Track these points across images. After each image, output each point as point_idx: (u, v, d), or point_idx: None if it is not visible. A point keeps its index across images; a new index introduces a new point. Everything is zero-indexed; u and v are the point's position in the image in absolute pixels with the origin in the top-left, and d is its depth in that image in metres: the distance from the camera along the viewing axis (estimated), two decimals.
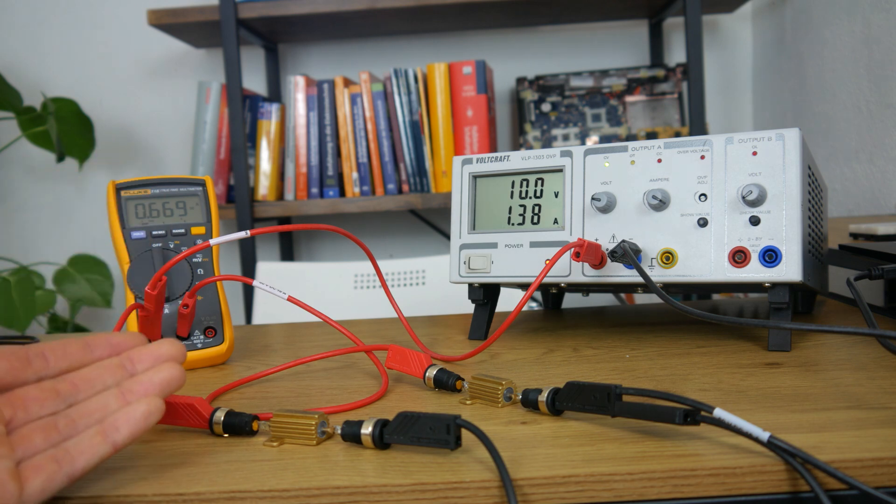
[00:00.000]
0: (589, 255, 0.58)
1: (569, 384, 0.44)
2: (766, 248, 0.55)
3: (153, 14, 1.68)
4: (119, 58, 2.03)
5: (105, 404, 0.39)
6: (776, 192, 0.55)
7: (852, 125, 1.48)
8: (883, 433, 0.38)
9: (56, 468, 0.36)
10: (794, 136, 0.55)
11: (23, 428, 0.37)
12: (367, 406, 0.50)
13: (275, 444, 0.43)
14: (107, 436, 0.38)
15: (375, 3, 1.64)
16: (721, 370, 0.53)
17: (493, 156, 0.66)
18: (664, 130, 1.82)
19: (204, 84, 1.80)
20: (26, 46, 2.03)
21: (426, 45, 2.00)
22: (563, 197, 0.63)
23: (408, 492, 0.36)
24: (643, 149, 0.60)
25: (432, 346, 0.66)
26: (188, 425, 0.46)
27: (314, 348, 0.69)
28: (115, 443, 0.38)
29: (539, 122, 1.85)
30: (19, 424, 0.37)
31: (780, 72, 1.81)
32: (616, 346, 0.62)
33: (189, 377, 0.61)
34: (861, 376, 0.49)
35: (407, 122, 1.75)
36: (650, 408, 0.40)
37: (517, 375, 0.55)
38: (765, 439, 0.36)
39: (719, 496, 0.36)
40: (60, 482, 0.36)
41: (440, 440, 0.39)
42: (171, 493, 0.37)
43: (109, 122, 2.03)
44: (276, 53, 1.98)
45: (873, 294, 0.68)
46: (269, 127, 1.80)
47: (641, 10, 1.84)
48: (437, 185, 1.74)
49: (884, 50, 1.35)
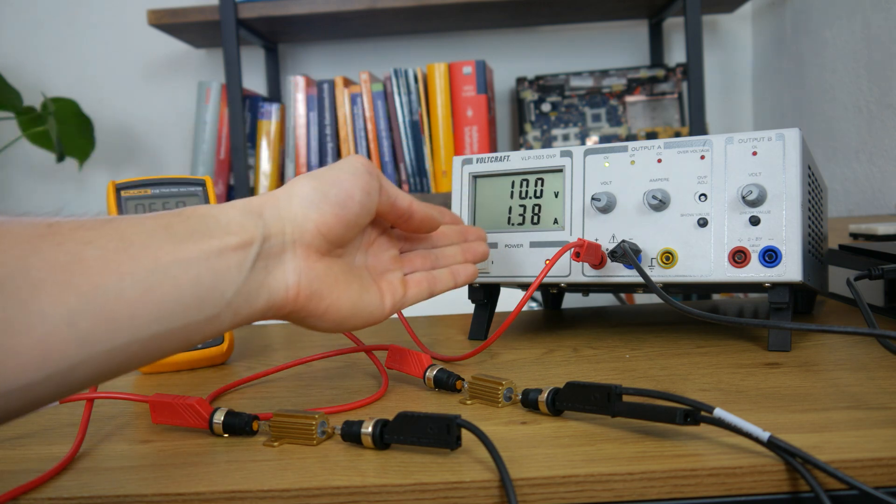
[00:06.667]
0: (589, 255, 0.58)
1: (569, 384, 0.44)
2: (766, 249, 0.55)
3: (153, 14, 1.68)
4: (119, 58, 2.03)
5: (454, 255, 0.56)
6: (776, 192, 0.55)
7: (852, 125, 1.48)
8: (883, 433, 0.38)
9: (426, 286, 0.53)
10: (794, 136, 0.55)
11: (409, 253, 0.54)
12: (367, 406, 0.50)
13: (275, 444, 0.43)
14: (454, 276, 0.55)
15: (375, 3, 1.64)
16: (721, 370, 0.53)
17: (493, 156, 0.66)
18: (664, 130, 1.82)
19: (204, 84, 1.80)
20: (26, 46, 2.03)
21: (426, 45, 2.00)
22: (563, 197, 0.63)
23: (408, 492, 0.36)
24: (643, 149, 0.60)
25: (432, 346, 0.66)
26: (188, 425, 0.46)
27: (314, 348, 0.69)
28: (457, 283, 0.55)
29: (539, 122, 1.85)
30: (406, 250, 0.54)
31: (780, 72, 1.81)
32: (616, 346, 0.62)
33: (189, 377, 0.61)
34: (861, 376, 0.49)
35: (407, 122, 1.75)
36: (650, 408, 0.40)
37: (517, 375, 0.55)
38: (765, 439, 0.36)
39: (719, 496, 0.36)
40: (425, 296, 0.53)
41: (440, 440, 0.39)
42: (171, 493, 0.37)
43: (109, 122, 2.03)
44: (276, 53, 1.98)
45: (873, 294, 0.68)
46: (269, 127, 1.80)
47: (641, 10, 1.84)
48: (437, 185, 1.74)
49: (884, 50, 1.35)
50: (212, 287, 0.38)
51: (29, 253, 0.32)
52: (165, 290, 0.36)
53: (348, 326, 0.48)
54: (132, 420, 0.50)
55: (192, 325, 0.38)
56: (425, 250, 0.55)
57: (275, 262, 0.43)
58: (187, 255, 0.38)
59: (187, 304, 0.37)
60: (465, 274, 0.55)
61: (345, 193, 0.45)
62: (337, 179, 0.46)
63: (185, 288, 0.37)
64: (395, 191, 0.50)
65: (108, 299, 0.34)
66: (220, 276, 0.39)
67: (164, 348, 0.37)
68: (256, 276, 0.41)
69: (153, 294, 0.36)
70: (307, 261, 0.44)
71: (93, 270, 0.34)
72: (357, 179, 0.46)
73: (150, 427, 0.48)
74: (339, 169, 0.46)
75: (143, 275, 0.35)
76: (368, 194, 0.47)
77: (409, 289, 0.52)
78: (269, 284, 0.42)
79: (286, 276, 0.43)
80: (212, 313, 0.39)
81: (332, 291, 0.45)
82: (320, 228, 0.44)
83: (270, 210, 0.43)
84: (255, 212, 0.43)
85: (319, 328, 0.47)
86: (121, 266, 0.35)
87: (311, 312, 0.45)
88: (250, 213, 0.42)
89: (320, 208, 0.44)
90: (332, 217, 0.45)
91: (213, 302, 0.39)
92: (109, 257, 0.34)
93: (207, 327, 0.39)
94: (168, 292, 0.36)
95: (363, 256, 0.51)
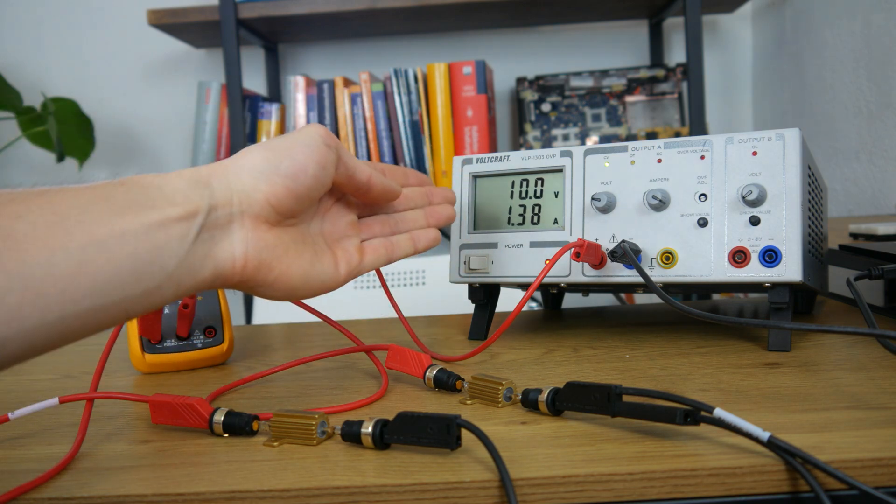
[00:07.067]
0: (589, 255, 0.58)
1: (569, 384, 0.44)
2: (766, 249, 0.55)
3: (153, 14, 1.68)
4: (119, 58, 2.03)
5: (415, 219, 0.55)
6: (776, 192, 0.55)
7: (852, 125, 1.48)
8: (883, 433, 0.38)
9: (383, 252, 0.52)
10: (794, 136, 0.55)
11: (368, 218, 0.53)
12: (367, 406, 0.49)
13: (275, 444, 0.43)
14: (414, 242, 0.54)
15: (375, 3, 1.64)
16: (721, 370, 0.53)
17: (493, 156, 0.66)
18: (664, 130, 1.82)
19: (204, 84, 1.80)
20: (26, 46, 2.03)
21: (426, 45, 2.00)
22: (563, 197, 0.63)
23: (408, 492, 0.36)
24: (643, 149, 0.60)
25: (432, 346, 0.66)
26: (188, 425, 0.46)
27: (314, 348, 0.69)
28: (416, 249, 0.54)
29: (539, 122, 1.85)
30: (365, 215, 0.53)
31: (780, 72, 1.81)
32: (616, 346, 0.62)
33: (189, 377, 0.61)
34: (861, 376, 0.49)
35: (407, 122, 1.75)
36: (650, 408, 0.40)
37: (517, 375, 0.55)
38: (765, 439, 0.36)
39: (719, 496, 0.36)
40: (383, 262, 0.51)
41: (440, 440, 0.39)
42: (171, 493, 0.37)
43: (109, 122, 2.03)
44: (276, 53, 1.98)
45: (873, 294, 0.68)
46: (269, 127, 1.80)
47: (641, 10, 1.84)
48: (438, 185, 1.74)
49: (884, 50, 1.35)
50: (150, 260, 0.38)
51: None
52: (100, 265, 0.35)
53: (301, 295, 0.47)
54: (132, 420, 0.50)
55: (130, 298, 0.37)
56: (385, 215, 0.54)
57: (221, 233, 0.42)
58: (125, 227, 0.37)
59: (124, 279, 0.37)
60: (426, 239, 0.55)
61: (297, 166, 0.44)
62: (290, 151, 0.44)
63: (122, 262, 0.36)
64: (354, 162, 0.49)
65: (36, 275, 0.33)
66: (161, 249, 0.38)
67: (101, 321, 0.37)
68: (201, 248, 0.40)
69: (86, 268, 0.35)
70: (256, 231, 0.43)
71: (21, 246, 0.33)
72: (312, 152, 0.45)
73: (150, 427, 0.48)
74: (293, 140, 0.45)
75: (75, 249, 0.35)
76: (323, 168, 0.45)
77: (366, 255, 0.51)
78: (214, 255, 0.41)
79: (233, 246, 0.42)
80: (151, 285, 0.38)
81: (281, 261, 0.44)
82: (270, 200, 0.43)
83: (219, 180, 0.42)
84: (203, 181, 0.42)
85: (270, 297, 0.46)
86: (51, 241, 0.34)
87: (259, 282, 0.44)
88: (197, 182, 0.41)
89: (271, 180, 0.43)
90: (283, 189, 0.44)
91: (153, 275, 0.38)
92: (39, 232, 0.34)
93: (147, 299, 0.38)
94: (102, 266, 0.36)
95: (319, 223, 0.50)
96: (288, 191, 0.44)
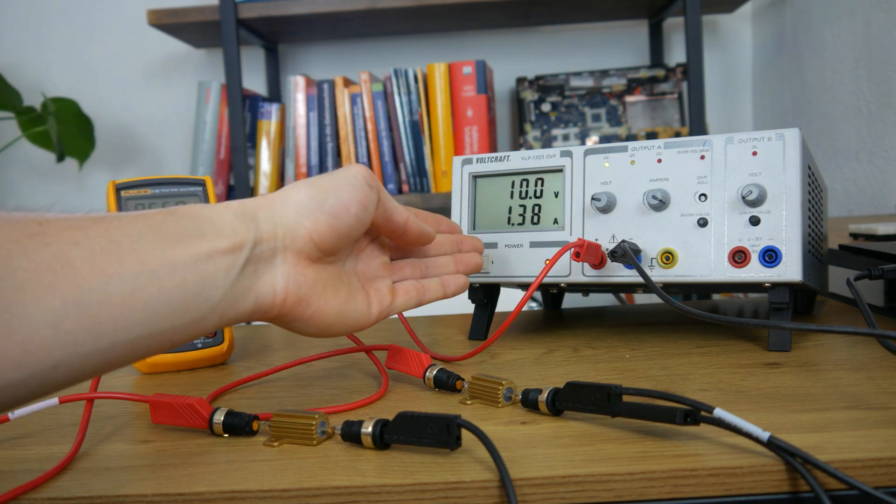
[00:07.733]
0: (589, 255, 0.58)
1: (569, 384, 0.44)
2: (766, 249, 0.55)
3: (153, 14, 1.68)
4: (119, 58, 2.03)
5: (445, 264, 0.56)
6: (776, 192, 0.55)
7: (852, 125, 1.48)
8: (883, 433, 0.38)
9: (414, 294, 0.53)
10: (794, 136, 0.55)
11: (400, 261, 0.54)
12: (367, 406, 0.50)
13: (275, 444, 0.43)
14: (444, 286, 0.55)
15: (375, 3, 1.64)
16: (721, 370, 0.53)
17: (493, 156, 0.66)
18: (664, 130, 1.82)
19: (204, 84, 1.80)
20: (26, 46, 2.03)
21: (426, 45, 2.00)
22: (563, 197, 0.63)
23: (408, 492, 0.36)
24: (643, 149, 0.60)
25: (432, 346, 0.66)
26: (188, 425, 0.46)
27: (314, 348, 0.69)
28: (446, 294, 0.55)
29: (539, 122, 1.85)
30: (397, 258, 0.54)
31: (780, 72, 1.81)
32: (616, 346, 0.62)
33: (189, 377, 0.61)
34: (861, 376, 0.49)
35: (407, 122, 1.75)
36: (650, 408, 0.40)
37: (517, 375, 0.55)
38: (765, 439, 0.36)
39: (719, 496, 0.36)
40: (413, 305, 0.53)
41: (440, 440, 0.39)
42: (171, 493, 0.37)
43: (109, 122, 2.03)
44: (276, 53, 1.98)
45: (873, 294, 0.68)
46: (269, 127, 1.80)
47: (641, 10, 1.84)
48: (437, 186, 1.74)
49: (884, 50, 1.35)
50: (198, 291, 0.38)
51: (15, 253, 0.32)
52: (151, 294, 0.36)
53: (333, 332, 0.48)
54: (132, 420, 0.50)
55: (177, 328, 0.38)
56: (416, 259, 0.55)
57: (265, 267, 0.43)
58: (176, 257, 0.37)
59: (174, 308, 0.37)
60: (456, 285, 0.55)
61: (341, 205, 0.45)
62: (335, 189, 0.45)
63: (172, 292, 0.37)
64: (393, 205, 0.49)
65: (93, 302, 0.34)
66: (208, 281, 0.39)
67: (148, 349, 0.37)
68: (245, 280, 0.41)
69: (139, 296, 0.35)
70: (297, 266, 0.44)
71: (79, 272, 0.33)
72: (356, 191, 0.46)
73: (150, 427, 0.48)
74: (338, 178, 0.46)
75: (129, 277, 0.35)
76: (365, 208, 0.46)
77: (398, 297, 0.52)
78: (257, 288, 0.42)
79: (275, 280, 0.43)
80: (197, 316, 0.39)
81: (319, 297, 0.45)
82: (313, 237, 0.44)
83: (265, 213, 0.43)
84: (250, 214, 0.42)
85: (304, 332, 0.47)
86: (107, 268, 0.34)
87: (296, 317, 0.45)
88: (244, 215, 0.42)
89: (315, 217, 0.44)
90: (326, 227, 0.44)
91: (199, 305, 0.39)
92: (96, 259, 0.34)
93: (192, 329, 0.39)
94: (154, 295, 0.36)
95: (353, 262, 0.51)
96: (331, 228, 0.45)
